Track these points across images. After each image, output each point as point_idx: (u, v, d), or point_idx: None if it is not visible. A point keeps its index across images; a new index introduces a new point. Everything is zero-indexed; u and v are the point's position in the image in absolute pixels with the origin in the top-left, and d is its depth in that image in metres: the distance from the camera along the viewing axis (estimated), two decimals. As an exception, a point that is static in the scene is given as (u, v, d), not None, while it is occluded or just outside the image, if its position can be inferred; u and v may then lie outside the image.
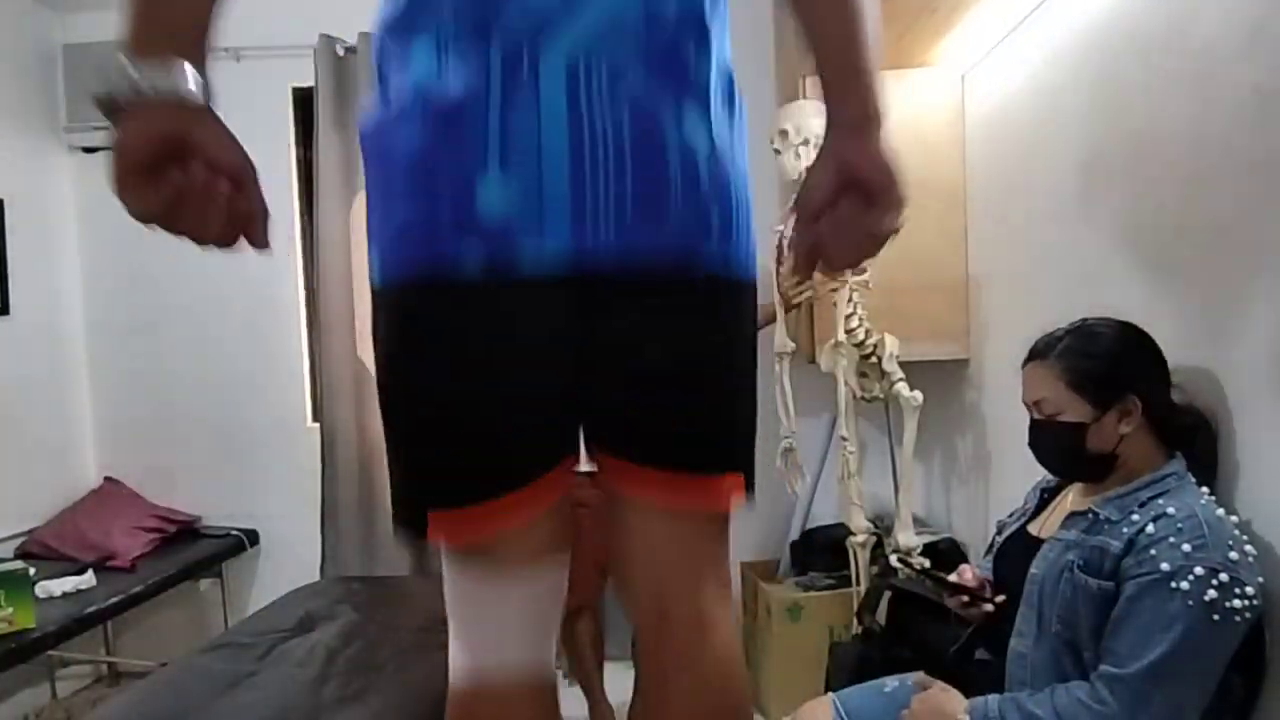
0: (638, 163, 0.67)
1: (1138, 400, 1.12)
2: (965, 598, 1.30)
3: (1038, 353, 1.21)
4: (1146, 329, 1.17)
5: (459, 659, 0.75)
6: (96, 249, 2.76)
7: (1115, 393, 1.13)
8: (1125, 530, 1.06)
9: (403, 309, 0.69)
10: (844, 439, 1.95)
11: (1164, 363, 1.15)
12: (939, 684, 1.20)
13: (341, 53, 2.62)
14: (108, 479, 2.74)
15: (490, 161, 0.64)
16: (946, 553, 2.16)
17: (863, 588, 1.97)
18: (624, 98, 0.67)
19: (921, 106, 2.18)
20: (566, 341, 0.70)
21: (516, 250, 0.65)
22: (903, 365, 1.99)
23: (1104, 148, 1.50)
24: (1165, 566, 0.98)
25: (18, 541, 2.45)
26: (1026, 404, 1.23)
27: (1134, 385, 1.12)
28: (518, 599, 0.73)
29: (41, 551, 2.41)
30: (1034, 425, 1.22)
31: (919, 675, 1.26)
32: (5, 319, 2.47)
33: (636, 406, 0.72)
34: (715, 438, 0.77)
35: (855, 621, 1.80)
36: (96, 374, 2.78)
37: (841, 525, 2.15)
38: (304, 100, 2.71)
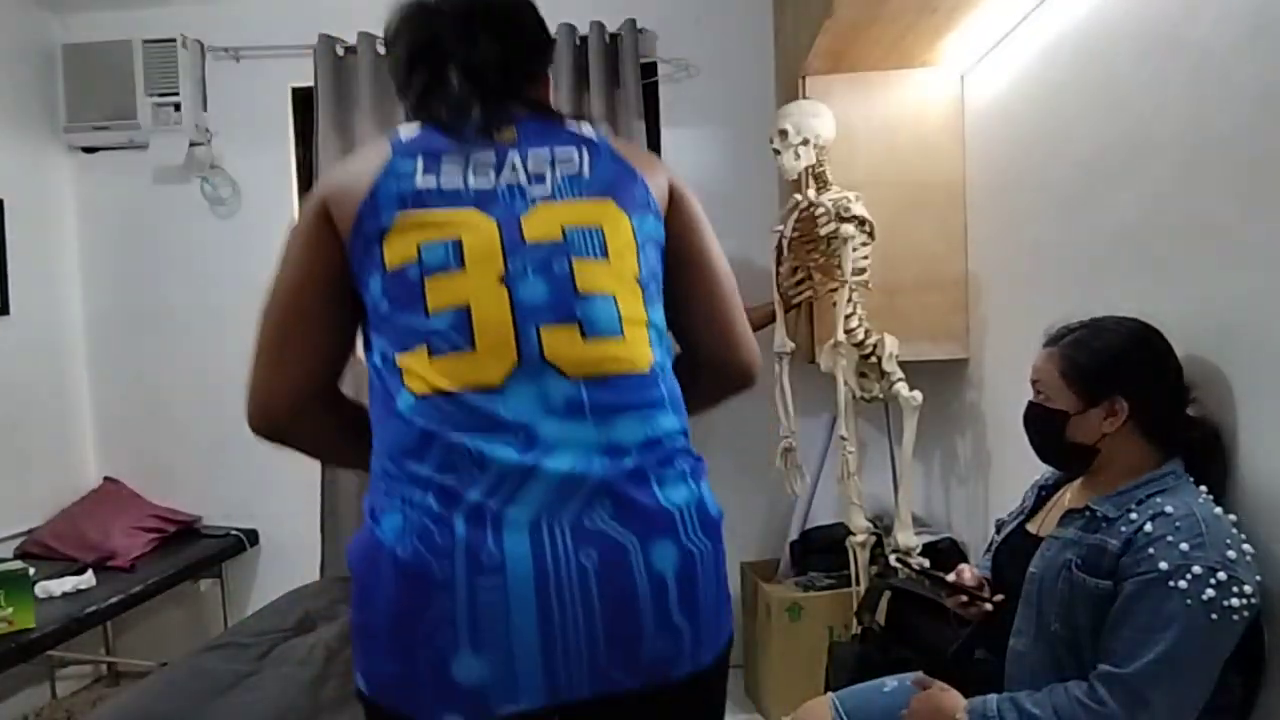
0: (606, 606, 0.72)
1: (1125, 402, 1.12)
2: (964, 597, 1.30)
3: (1051, 339, 1.23)
4: (1145, 327, 1.17)
5: None
6: (96, 249, 2.76)
7: (1103, 390, 1.13)
8: (1123, 529, 1.06)
9: None
10: (844, 439, 1.95)
11: (1170, 371, 1.15)
12: (938, 684, 1.21)
13: (341, 53, 2.62)
14: (107, 479, 2.74)
15: (461, 641, 0.70)
16: (946, 552, 2.16)
17: (862, 587, 1.97)
18: (588, 544, 0.73)
19: (921, 106, 2.18)
20: None
21: (494, 709, 0.72)
22: (902, 365, 2.00)
23: (1104, 147, 1.50)
24: (1163, 565, 0.98)
25: (17, 541, 2.46)
26: (1031, 383, 1.25)
27: (1125, 387, 1.12)
28: None
29: (41, 551, 2.41)
30: (1028, 405, 1.24)
31: (918, 675, 1.26)
32: (5, 319, 2.47)
33: None
34: None
35: (855, 621, 1.80)
36: (96, 374, 2.78)
37: (841, 525, 2.15)
38: (304, 100, 2.70)
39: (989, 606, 1.27)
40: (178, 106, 2.65)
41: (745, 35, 2.62)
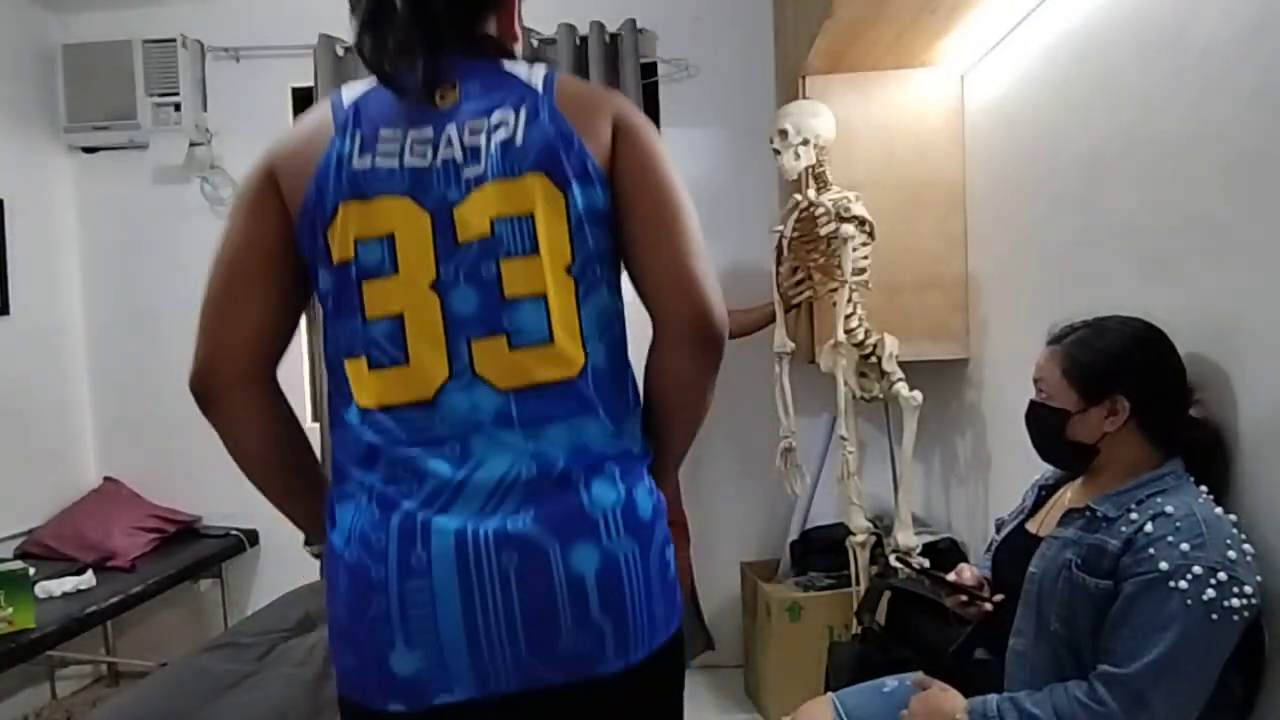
0: (525, 605, 0.77)
1: (1126, 402, 1.12)
2: (964, 597, 1.30)
3: (1054, 338, 1.23)
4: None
5: None
6: (96, 249, 2.76)
7: (1104, 390, 1.13)
8: (1123, 529, 1.06)
9: None
10: (844, 439, 1.95)
11: (1173, 372, 1.14)
12: (938, 684, 1.21)
13: (341, 53, 2.62)
14: (107, 479, 2.74)
15: (396, 639, 0.77)
16: (946, 552, 2.16)
17: (862, 587, 1.97)
18: (510, 548, 0.77)
19: (921, 106, 2.18)
20: None
21: (431, 698, 0.78)
22: (902, 365, 2.00)
23: (1104, 146, 1.50)
24: (1164, 566, 0.98)
25: (17, 541, 2.46)
26: (1034, 381, 1.25)
27: (1126, 387, 1.12)
28: None
29: (41, 552, 2.41)
30: (1030, 403, 1.24)
31: (918, 675, 1.26)
32: (5, 319, 2.47)
33: None
34: None
35: (855, 621, 1.80)
36: (96, 374, 2.78)
37: (841, 525, 2.15)
38: (304, 100, 2.71)
39: (989, 606, 1.27)
40: (178, 106, 2.65)
41: (745, 35, 2.62)
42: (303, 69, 2.62)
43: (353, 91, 0.85)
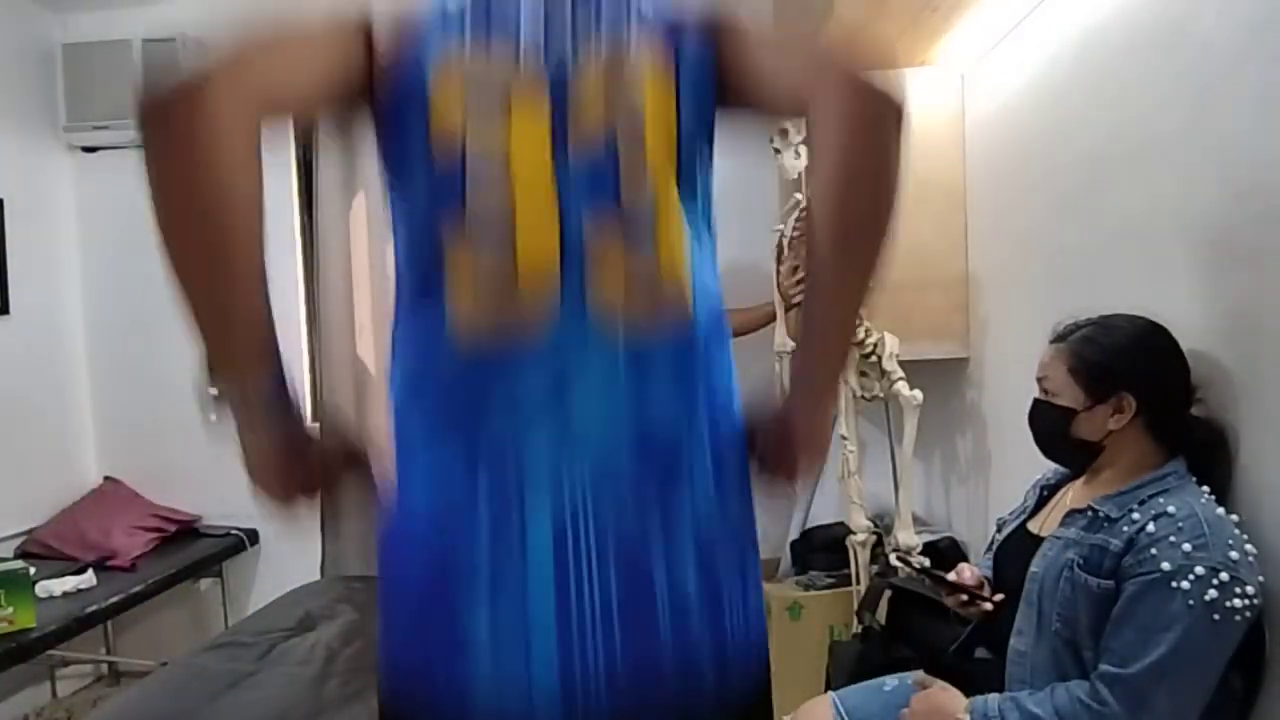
0: (627, 629, 0.66)
1: (1133, 400, 1.12)
2: (964, 596, 1.30)
3: (1058, 336, 1.22)
4: (1147, 327, 1.17)
5: None
6: (96, 248, 2.76)
7: (1111, 387, 1.13)
8: (1125, 529, 1.06)
9: None
10: (844, 438, 1.95)
11: (1178, 370, 1.14)
12: (939, 683, 1.20)
13: (341, 52, 2.61)
14: (107, 478, 2.74)
15: (480, 633, 0.65)
16: (946, 551, 2.16)
17: (863, 587, 1.97)
18: (611, 553, 0.66)
19: (921, 105, 2.17)
20: None
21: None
22: (902, 364, 1.99)
23: (1104, 146, 1.49)
24: (1166, 566, 0.98)
25: (18, 541, 2.46)
26: (1037, 380, 1.24)
27: (1132, 384, 1.12)
28: None
29: (42, 551, 2.41)
30: (1034, 401, 1.24)
31: (919, 674, 1.26)
32: (5, 319, 2.47)
33: None
34: None
35: (855, 620, 1.80)
36: (96, 373, 2.78)
37: (842, 524, 2.15)
38: (304, 100, 2.70)
39: (989, 606, 1.27)
40: (178, 106, 2.64)
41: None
42: None
43: None
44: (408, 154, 0.68)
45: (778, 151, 2.03)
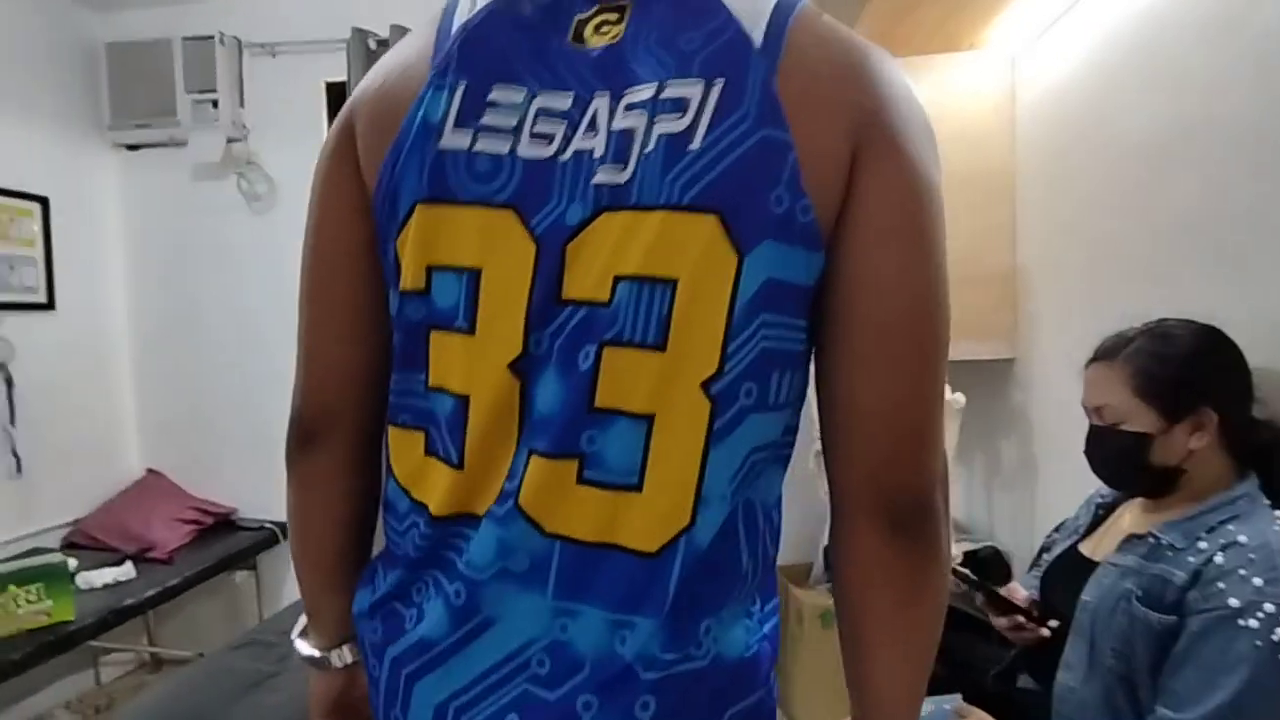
0: None
1: (1213, 413, 1.02)
2: (1019, 618, 1.21)
3: (1105, 353, 1.11)
4: (1211, 330, 1.06)
5: None
6: (139, 246, 2.81)
7: (1189, 403, 1.02)
8: (1191, 559, 0.97)
9: None
10: (881, 443, 1.87)
11: (1247, 372, 1.04)
12: (979, 713, 1.13)
13: (374, 46, 2.60)
14: (150, 470, 2.80)
15: None
16: (989, 562, 2.05)
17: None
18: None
19: (970, 91, 2.06)
20: None
21: None
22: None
23: (1164, 132, 1.38)
24: (1233, 602, 0.89)
25: (64, 531, 2.52)
26: (1086, 408, 1.14)
27: (1211, 396, 1.02)
28: None
29: (86, 541, 2.47)
30: (1093, 432, 1.12)
31: (957, 702, 1.19)
32: (51, 314, 2.53)
33: None
34: None
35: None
36: (139, 368, 2.84)
37: (878, 531, 2.07)
38: (338, 95, 2.70)
39: (1045, 633, 1.18)
40: (215, 103, 2.67)
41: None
42: (337, 63, 2.61)
43: (467, 5, 0.58)
44: (389, 298, 0.62)
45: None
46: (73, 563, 2.16)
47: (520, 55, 0.55)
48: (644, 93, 0.52)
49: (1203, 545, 0.96)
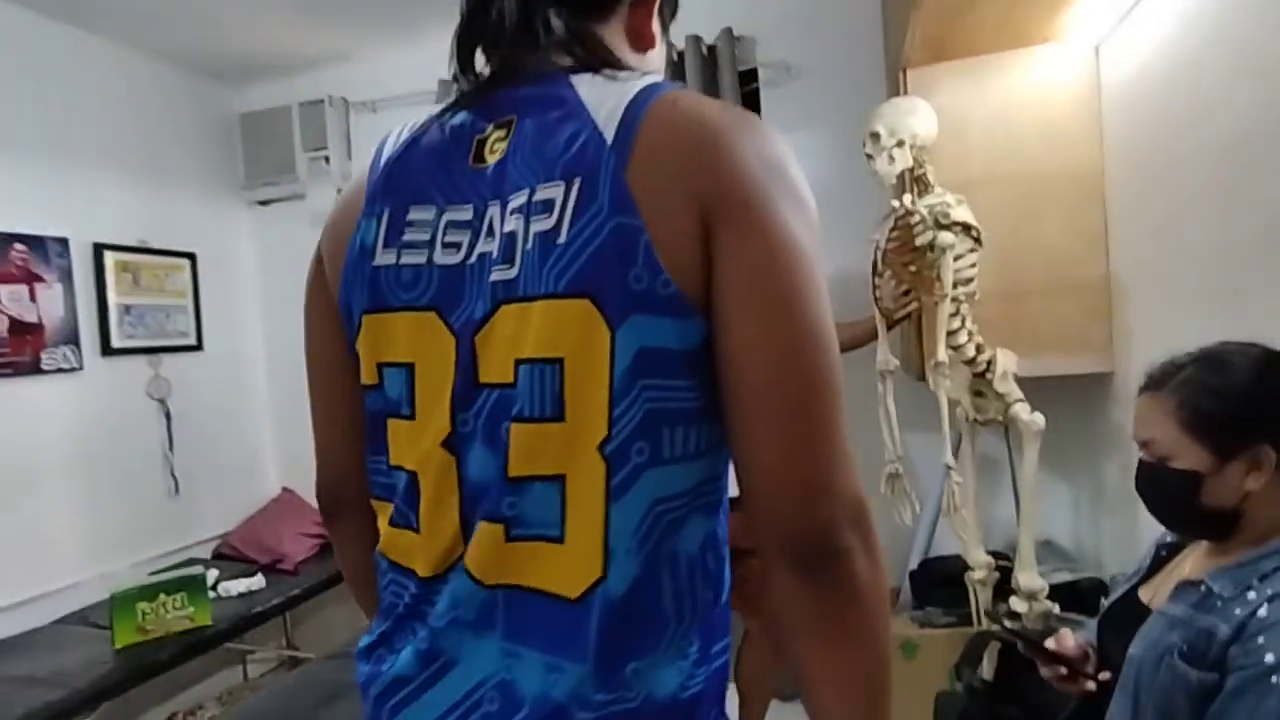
0: None
1: (1273, 452, 0.91)
2: (1063, 670, 1.13)
3: (1153, 382, 1.02)
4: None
5: None
6: (271, 290, 3.18)
7: (1243, 440, 0.92)
8: (1238, 611, 0.87)
9: None
10: (949, 468, 1.77)
11: None
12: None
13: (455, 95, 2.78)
14: (285, 489, 3.14)
15: None
16: (1089, 594, 1.89)
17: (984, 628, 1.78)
18: None
19: (1046, 87, 1.92)
20: None
21: None
22: (1033, 381, 1.77)
23: (1271, 126, 1.23)
24: (1269, 659, 0.79)
25: (214, 543, 2.88)
26: (1136, 441, 1.05)
27: (1269, 432, 0.91)
28: None
29: (230, 553, 2.81)
30: (1141, 468, 1.02)
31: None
32: (200, 354, 2.91)
33: None
34: None
35: (954, 676, 1.63)
36: (275, 397, 3.19)
37: (959, 557, 1.95)
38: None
39: (1091, 686, 1.09)
40: (328, 159, 2.97)
41: (851, 31, 2.46)
42: (429, 113, 2.82)
43: (399, 136, 0.69)
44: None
45: (870, 157, 1.88)
46: (213, 573, 2.47)
47: (432, 178, 0.65)
48: (521, 198, 0.59)
49: (1251, 595, 0.86)
